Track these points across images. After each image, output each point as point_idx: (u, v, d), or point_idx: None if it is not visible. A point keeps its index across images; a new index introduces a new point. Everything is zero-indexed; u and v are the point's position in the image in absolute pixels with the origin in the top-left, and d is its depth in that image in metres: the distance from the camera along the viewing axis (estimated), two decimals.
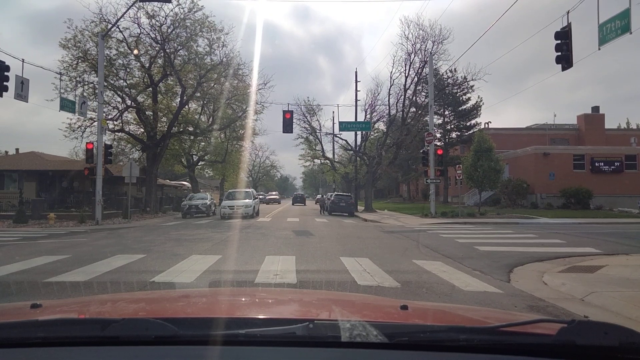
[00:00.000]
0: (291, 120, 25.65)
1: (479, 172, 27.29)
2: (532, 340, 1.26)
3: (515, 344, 1.24)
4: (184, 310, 1.90)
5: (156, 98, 29.52)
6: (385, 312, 1.89)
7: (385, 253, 10.63)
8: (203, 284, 6.80)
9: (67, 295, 5.95)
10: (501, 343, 1.25)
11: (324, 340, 1.25)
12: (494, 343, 1.25)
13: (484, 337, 1.27)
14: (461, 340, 1.23)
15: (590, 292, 6.44)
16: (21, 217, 21.93)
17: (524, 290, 6.80)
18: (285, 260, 9.22)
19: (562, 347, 1.19)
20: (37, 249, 11.44)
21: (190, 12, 27.07)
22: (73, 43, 25.71)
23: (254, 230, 17.12)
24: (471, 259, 9.61)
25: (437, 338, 1.27)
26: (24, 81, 17.01)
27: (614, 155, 35.00)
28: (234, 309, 1.93)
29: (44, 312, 1.66)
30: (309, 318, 1.37)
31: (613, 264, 8.81)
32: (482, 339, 1.25)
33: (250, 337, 1.25)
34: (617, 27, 10.50)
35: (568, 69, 12.25)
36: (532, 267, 8.90)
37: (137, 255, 9.94)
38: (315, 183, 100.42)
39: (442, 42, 31.75)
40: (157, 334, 1.24)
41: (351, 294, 5.05)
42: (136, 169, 24.56)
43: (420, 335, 1.27)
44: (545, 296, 6.41)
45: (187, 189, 46.21)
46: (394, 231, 17.08)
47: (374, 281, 7.04)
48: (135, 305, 2.01)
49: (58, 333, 1.30)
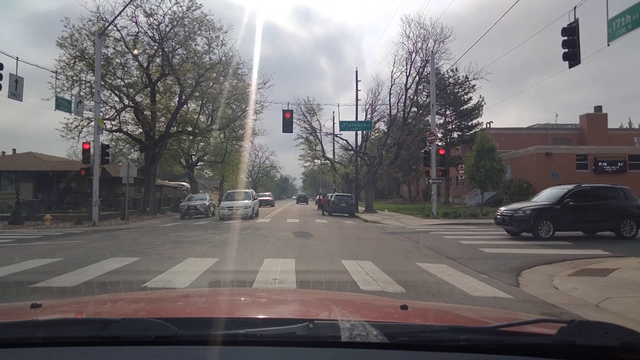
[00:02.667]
0: (291, 120, 25.37)
1: (481, 172, 27.02)
2: (532, 340, 1.26)
3: (516, 344, 1.23)
4: (184, 310, 1.89)
5: (154, 98, 29.22)
6: (385, 312, 1.88)
7: (387, 255, 10.32)
8: None
9: None
10: (501, 343, 1.24)
11: (324, 340, 1.25)
12: (494, 343, 1.24)
13: (484, 337, 1.26)
14: (461, 340, 1.22)
15: (605, 298, 6.13)
16: (17, 218, 21.63)
17: (535, 295, 6.49)
18: (285, 263, 8.92)
19: (562, 347, 1.18)
20: (29, 252, 11.12)
21: (188, 11, 26.86)
22: (70, 42, 25.45)
23: (253, 232, 16.81)
24: (477, 262, 9.30)
25: (437, 338, 1.26)
26: (18, 79, 16.67)
27: (618, 155, 34.68)
28: (234, 309, 1.93)
29: (44, 312, 1.65)
30: (308, 318, 1.36)
31: (625, 267, 8.49)
32: (482, 339, 1.24)
33: (250, 337, 1.25)
34: (627, 22, 10.17)
35: (575, 65, 11.95)
36: (540, 270, 8.60)
37: (132, 258, 9.63)
38: (316, 183, 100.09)
39: (444, 41, 31.52)
40: (157, 334, 1.23)
41: (351, 294, 5.01)
42: (134, 169, 24.23)
43: (420, 335, 1.27)
44: (557, 302, 6.09)
45: (186, 189, 45.83)
46: (395, 232, 16.77)
47: (378, 286, 6.74)
48: (135, 305, 2.01)
49: (58, 333, 1.29)
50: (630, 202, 13.98)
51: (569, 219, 13.45)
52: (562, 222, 13.40)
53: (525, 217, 13.46)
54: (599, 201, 13.86)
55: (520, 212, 13.68)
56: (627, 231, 13.49)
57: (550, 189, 15.56)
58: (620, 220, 13.56)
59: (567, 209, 13.42)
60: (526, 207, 13.87)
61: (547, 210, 13.46)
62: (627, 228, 13.50)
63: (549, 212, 13.42)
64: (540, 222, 13.28)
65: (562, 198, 13.67)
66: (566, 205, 13.44)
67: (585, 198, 13.82)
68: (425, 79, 32.96)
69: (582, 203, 13.61)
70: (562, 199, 13.62)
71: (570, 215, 13.42)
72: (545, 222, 13.28)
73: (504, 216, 14.31)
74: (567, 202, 13.52)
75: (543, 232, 13.23)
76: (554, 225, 13.24)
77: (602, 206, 13.75)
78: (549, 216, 13.34)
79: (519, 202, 16.66)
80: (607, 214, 13.63)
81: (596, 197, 14.06)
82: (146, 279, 7.19)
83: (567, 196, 13.68)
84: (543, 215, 13.35)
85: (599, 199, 13.94)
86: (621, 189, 14.36)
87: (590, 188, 14.51)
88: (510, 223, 13.95)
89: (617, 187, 14.59)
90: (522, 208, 13.96)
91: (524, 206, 14.17)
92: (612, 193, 14.19)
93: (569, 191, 13.90)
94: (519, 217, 13.64)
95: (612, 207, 13.72)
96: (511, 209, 14.32)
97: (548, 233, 13.21)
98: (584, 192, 14.05)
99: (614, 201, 13.86)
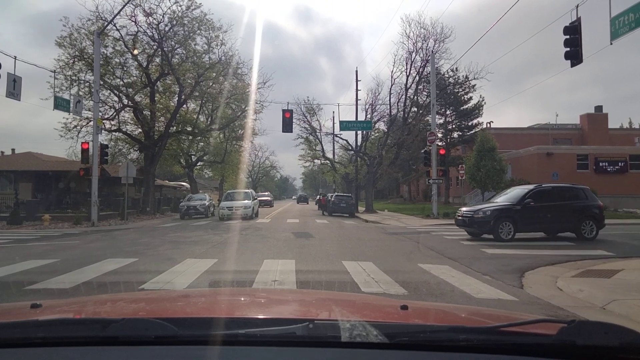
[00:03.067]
0: (291, 120, 25.27)
1: (482, 172, 26.93)
2: (533, 340, 1.25)
3: (516, 344, 1.23)
4: (183, 310, 1.89)
5: (154, 97, 29.08)
6: (385, 312, 1.87)
7: (389, 256, 10.21)
8: None
9: None
10: (501, 343, 1.23)
11: (324, 340, 1.24)
12: (494, 343, 1.23)
13: (484, 337, 1.25)
14: (461, 340, 1.22)
15: (612, 300, 6.01)
16: (15, 218, 21.50)
17: (540, 297, 6.37)
18: (285, 264, 8.80)
19: (563, 347, 1.17)
20: (26, 252, 11.00)
21: (188, 10, 26.72)
22: (69, 41, 25.29)
23: (252, 232, 16.69)
24: (479, 262, 9.19)
25: (437, 338, 1.25)
26: (16, 79, 16.55)
27: (618, 155, 34.55)
28: (234, 309, 1.92)
29: (44, 312, 1.66)
30: (309, 318, 1.35)
31: (629, 268, 8.36)
32: (482, 339, 1.24)
33: (250, 337, 1.24)
34: (630, 21, 10.05)
35: (578, 64, 11.82)
36: (543, 271, 8.49)
37: (129, 259, 9.51)
38: (315, 184, 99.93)
39: (444, 40, 31.39)
40: (157, 334, 1.23)
41: (351, 294, 5.00)
42: (133, 169, 24.11)
43: (420, 335, 1.27)
44: (563, 304, 5.98)
45: (185, 189, 45.67)
46: (396, 232, 16.65)
47: (379, 287, 6.63)
48: (135, 305, 2.01)
49: (58, 333, 1.29)
50: (590, 202, 13.74)
51: (529, 219, 13.10)
52: (523, 223, 13.05)
53: (486, 218, 13.11)
54: (560, 201, 13.53)
55: (480, 213, 13.31)
56: (587, 232, 13.18)
57: (513, 188, 15.34)
58: (580, 220, 13.24)
59: (528, 209, 13.09)
60: (486, 208, 13.49)
61: (508, 211, 13.13)
62: (587, 229, 13.20)
63: (509, 212, 13.09)
64: (500, 223, 12.97)
65: (522, 198, 13.33)
66: (527, 206, 13.12)
67: (546, 198, 13.53)
68: (426, 78, 32.83)
69: (543, 203, 13.29)
70: (522, 199, 13.30)
71: (531, 215, 13.08)
72: (505, 224, 12.98)
73: (464, 217, 13.94)
74: (528, 202, 13.15)
75: (504, 233, 12.90)
76: (514, 226, 12.96)
77: (563, 206, 13.41)
78: (510, 217, 13.05)
79: (480, 203, 16.30)
80: (568, 215, 13.28)
81: (557, 197, 13.78)
82: (144, 280, 7.09)
83: (527, 196, 13.33)
84: (504, 216, 13.05)
85: (560, 199, 13.64)
86: (582, 189, 14.15)
87: (551, 188, 14.29)
88: (471, 224, 13.57)
89: (577, 187, 14.41)
90: (482, 209, 13.55)
91: (484, 207, 13.76)
92: (572, 193, 13.97)
93: (529, 191, 13.59)
94: (479, 218, 13.28)
95: (573, 208, 13.42)
96: (471, 210, 13.99)
97: (509, 235, 12.88)
98: (544, 192, 13.76)
99: (574, 201, 13.60)
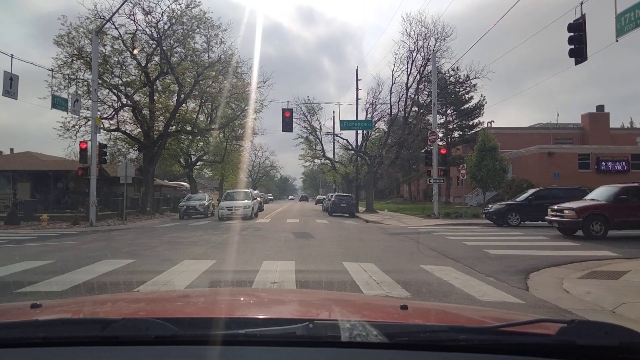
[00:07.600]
0: (291, 119, 25.14)
1: (483, 172, 26.74)
2: (532, 340, 1.25)
3: (516, 344, 1.23)
4: (183, 310, 1.88)
5: (153, 96, 28.89)
6: (385, 312, 1.87)
7: (390, 257, 10.03)
8: None
9: None
10: (501, 343, 1.23)
11: (323, 340, 1.24)
12: (494, 343, 1.23)
13: (484, 337, 1.25)
14: (461, 340, 1.22)
15: (621, 303, 5.83)
16: (13, 218, 21.34)
17: (546, 299, 6.18)
18: (284, 265, 8.63)
19: (563, 347, 1.18)
20: (21, 253, 10.82)
21: (187, 8, 26.54)
22: (67, 40, 25.10)
23: (252, 232, 16.51)
24: (482, 264, 9.00)
25: (437, 338, 1.25)
26: (13, 77, 16.38)
27: (620, 154, 34.36)
28: (234, 309, 1.92)
29: (44, 312, 1.65)
30: (309, 318, 1.35)
31: (637, 269, 8.18)
32: (482, 338, 1.24)
33: (250, 337, 1.24)
34: (636, 17, 9.87)
35: (582, 62, 11.66)
36: (548, 272, 8.30)
37: (125, 260, 9.32)
38: (316, 183, 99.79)
39: (445, 39, 31.24)
40: (157, 334, 1.22)
41: (351, 294, 4.97)
42: (132, 168, 23.93)
43: (420, 335, 1.27)
44: (570, 307, 5.79)
45: (185, 189, 45.45)
46: (397, 233, 16.46)
47: (381, 290, 6.45)
48: (135, 305, 2.01)
49: (58, 333, 1.29)
50: None
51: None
52: None
53: None
54: None
55: None
56: None
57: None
58: None
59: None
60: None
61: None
62: None
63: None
64: None
65: None
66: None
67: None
68: (426, 77, 32.64)
69: None
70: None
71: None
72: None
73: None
74: None
75: None
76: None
77: None
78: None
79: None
80: None
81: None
82: (142, 280, 6.94)
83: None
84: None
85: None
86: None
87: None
88: None
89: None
90: None
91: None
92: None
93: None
94: None
95: None
96: None
97: None
98: None
99: None
